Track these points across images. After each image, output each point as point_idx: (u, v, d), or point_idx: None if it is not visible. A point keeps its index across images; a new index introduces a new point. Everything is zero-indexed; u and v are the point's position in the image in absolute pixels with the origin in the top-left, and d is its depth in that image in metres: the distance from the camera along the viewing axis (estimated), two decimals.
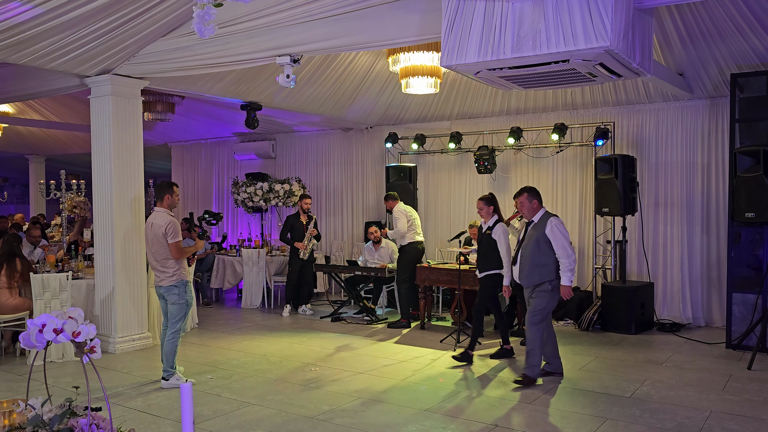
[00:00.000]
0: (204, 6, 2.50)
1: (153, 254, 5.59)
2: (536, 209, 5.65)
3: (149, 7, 5.45)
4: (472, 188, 9.65)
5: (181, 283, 5.58)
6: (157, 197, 5.72)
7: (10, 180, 19.67)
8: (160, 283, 5.58)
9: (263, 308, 9.51)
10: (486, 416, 4.76)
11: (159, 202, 5.69)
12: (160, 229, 5.50)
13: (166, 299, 5.63)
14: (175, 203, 5.74)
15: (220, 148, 12.69)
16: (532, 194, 5.67)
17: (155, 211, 5.71)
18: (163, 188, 5.70)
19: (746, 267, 6.96)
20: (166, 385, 5.53)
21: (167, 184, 5.75)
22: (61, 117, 11.18)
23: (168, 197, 5.67)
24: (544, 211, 5.67)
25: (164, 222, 5.52)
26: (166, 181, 5.88)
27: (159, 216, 5.61)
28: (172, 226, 5.51)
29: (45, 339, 1.80)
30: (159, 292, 5.65)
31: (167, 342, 5.57)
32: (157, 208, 5.72)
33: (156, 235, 5.53)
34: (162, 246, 5.51)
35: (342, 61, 7.94)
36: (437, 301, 9.03)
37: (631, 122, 8.42)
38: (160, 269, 5.56)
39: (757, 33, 6.26)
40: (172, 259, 5.52)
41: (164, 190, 5.68)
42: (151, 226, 5.61)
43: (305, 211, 8.88)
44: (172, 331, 5.56)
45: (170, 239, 5.49)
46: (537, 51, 4.12)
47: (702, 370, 6.01)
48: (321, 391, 5.39)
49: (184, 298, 5.60)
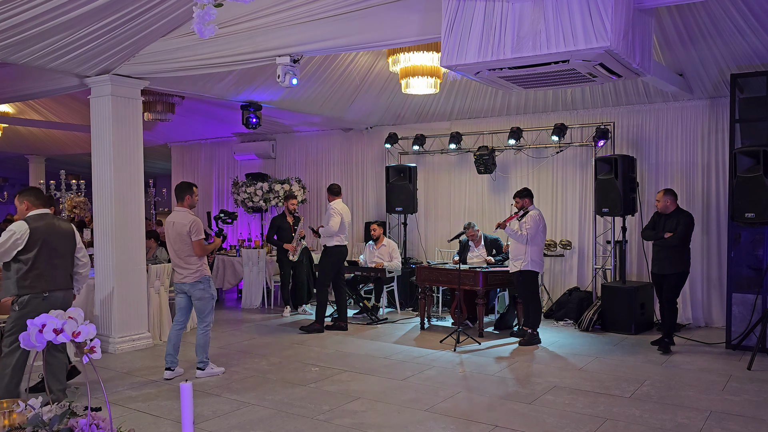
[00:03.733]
0: (204, 6, 2.50)
1: (176, 252, 5.77)
2: None
3: (149, 7, 5.45)
4: (472, 188, 9.65)
5: (205, 279, 5.82)
6: (178, 197, 5.91)
7: (10, 180, 19.64)
8: (183, 280, 5.77)
9: (263, 308, 9.51)
10: (486, 416, 4.76)
11: (180, 202, 5.89)
12: (184, 228, 5.71)
13: (189, 295, 5.83)
14: (194, 203, 5.96)
15: (220, 148, 12.69)
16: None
17: (176, 211, 5.90)
18: (183, 189, 5.91)
19: (746, 267, 6.96)
20: (201, 375, 5.81)
21: (187, 185, 5.96)
22: (61, 117, 11.17)
23: (188, 197, 5.89)
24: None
25: (188, 221, 5.73)
26: (186, 182, 6.07)
27: (181, 215, 5.81)
28: (196, 225, 5.74)
29: (45, 339, 1.80)
30: (183, 289, 5.83)
31: (200, 335, 5.85)
32: (177, 207, 5.91)
33: (179, 234, 5.73)
34: (185, 244, 5.72)
35: (342, 61, 7.94)
36: (437, 302, 9.04)
37: (631, 122, 8.42)
38: (184, 266, 5.76)
39: (757, 33, 6.26)
40: (195, 256, 5.74)
41: (185, 190, 5.90)
42: (173, 225, 5.78)
43: (291, 212, 8.91)
44: (203, 325, 5.85)
45: (194, 237, 5.72)
46: (537, 51, 4.13)
47: (702, 370, 6.01)
48: (321, 391, 5.39)
49: (209, 292, 5.85)
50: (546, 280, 8.77)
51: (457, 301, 7.64)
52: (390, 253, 8.76)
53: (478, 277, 7.26)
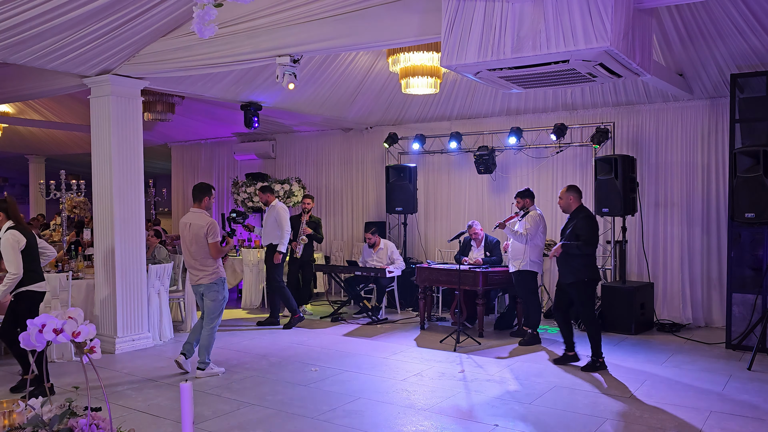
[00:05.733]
0: (204, 6, 2.50)
1: (192, 254, 5.75)
2: None
3: (149, 7, 5.45)
4: (472, 188, 9.65)
5: (220, 281, 5.83)
6: (196, 198, 5.89)
7: (9, 180, 19.64)
8: (199, 281, 5.77)
9: (263, 308, 9.50)
10: (486, 416, 4.76)
11: (197, 203, 5.87)
12: (201, 230, 5.69)
13: (204, 296, 5.82)
14: (210, 205, 5.96)
15: (220, 148, 12.69)
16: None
17: (193, 212, 5.86)
18: (202, 190, 5.89)
19: (746, 267, 6.96)
20: (202, 375, 5.80)
21: (207, 187, 5.96)
22: (61, 117, 11.17)
23: (207, 199, 5.89)
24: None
25: (205, 223, 5.72)
26: (205, 183, 6.07)
27: (198, 216, 5.79)
28: (213, 227, 5.73)
29: (45, 339, 1.80)
30: (198, 290, 5.83)
31: (206, 336, 5.83)
32: (194, 208, 5.88)
33: (196, 235, 5.70)
34: (202, 246, 5.70)
35: (342, 61, 7.94)
36: (437, 301, 9.03)
37: (630, 122, 8.42)
38: (200, 268, 5.74)
39: (757, 33, 6.26)
40: (212, 258, 5.71)
41: (204, 191, 5.89)
42: (189, 227, 5.76)
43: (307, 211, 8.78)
44: (210, 326, 5.82)
45: (210, 239, 5.70)
46: (537, 51, 4.13)
47: (702, 370, 6.01)
48: (321, 391, 5.39)
49: (223, 294, 5.85)
50: (546, 280, 8.77)
51: (457, 301, 7.64)
52: (389, 255, 8.74)
53: (478, 277, 7.26)
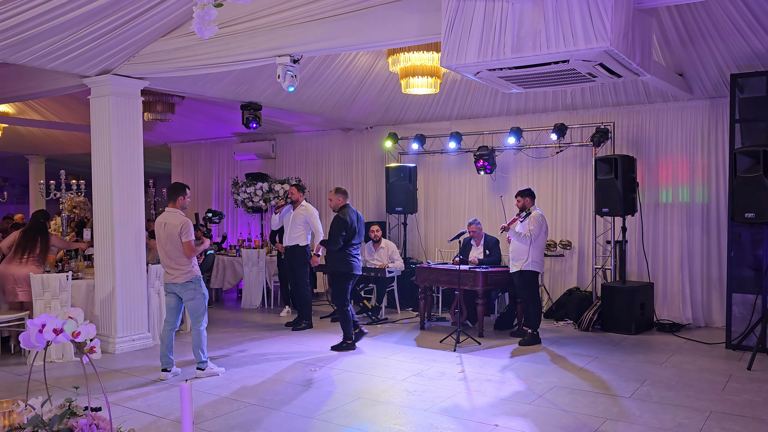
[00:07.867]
0: (204, 6, 2.50)
1: (167, 253, 5.77)
2: None
3: (149, 7, 5.45)
4: (472, 188, 9.65)
5: (196, 279, 5.84)
6: (170, 198, 5.92)
7: (9, 180, 19.64)
8: (174, 280, 5.77)
9: (263, 308, 9.51)
10: (486, 416, 4.76)
11: (172, 202, 5.89)
12: (175, 229, 5.71)
13: (180, 296, 5.83)
14: (186, 204, 5.96)
15: (220, 148, 12.69)
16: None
17: (168, 211, 5.89)
18: (177, 189, 5.93)
19: (746, 267, 6.96)
20: (202, 375, 5.82)
21: (180, 186, 5.98)
22: (61, 117, 11.17)
23: (181, 198, 5.91)
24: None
25: (179, 222, 5.74)
26: (179, 182, 6.10)
27: (173, 216, 5.81)
28: (187, 226, 5.75)
29: (45, 339, 1.81)
30: (173, 289, 5.83)
31: (195, 335, 5.84)
32: (169, 208, 5.91)
33: (170, 235, 5.72)
34: (176, 245, 5.72)
35: (342, 61, 7.94)
36: (437, 301, 9.03)
37: (630, 122, 8.42)
38: (175, 267, 5.76)
39: (757, 33, 6.26)
40: (186, 257, 5.74)
41: (178, 191, 5.91)
42: (164, 226, 5.77)
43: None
44: (197, 325, 5.84)
45: (184, 238, 5.71)
46: (537, 51, 4.13)
47: (702, 370, 6.01)
48: (321, 391, 5.39)
49: (201, 291, 5.86)
50: (546, 280, 8.77)
51: (457, 301, 7.64)
52: (390, 255, 8.76)
53: (478, 277, 7.26)
